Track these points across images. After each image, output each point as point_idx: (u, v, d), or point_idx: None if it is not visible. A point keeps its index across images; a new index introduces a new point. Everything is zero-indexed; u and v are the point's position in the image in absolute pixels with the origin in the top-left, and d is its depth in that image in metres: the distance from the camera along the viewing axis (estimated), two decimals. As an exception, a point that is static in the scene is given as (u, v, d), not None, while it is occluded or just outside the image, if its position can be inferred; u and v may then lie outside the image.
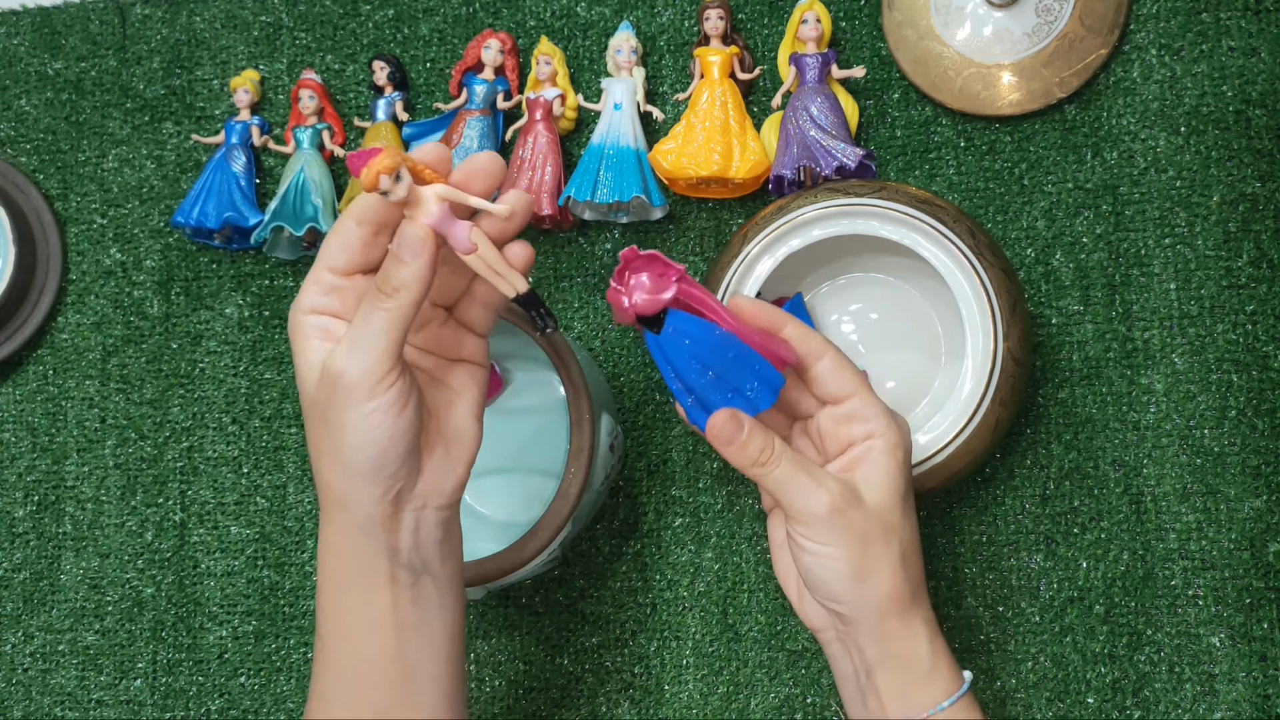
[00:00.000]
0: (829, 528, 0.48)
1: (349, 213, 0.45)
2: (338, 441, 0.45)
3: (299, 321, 0.46)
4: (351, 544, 0.46)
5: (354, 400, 0.44)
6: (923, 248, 0.60)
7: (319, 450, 0.46)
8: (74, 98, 0.80)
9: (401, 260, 0.43)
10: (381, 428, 0.44)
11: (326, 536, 0.47)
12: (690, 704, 0.66)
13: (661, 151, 0.67)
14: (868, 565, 0.48)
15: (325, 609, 0.48)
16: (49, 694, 0.74)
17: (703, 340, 0.48)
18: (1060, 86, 0.66)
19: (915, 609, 0.50)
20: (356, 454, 0.44)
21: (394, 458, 0.45)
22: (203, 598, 0.73)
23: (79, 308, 0.78)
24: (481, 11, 0.75)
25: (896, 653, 0.49)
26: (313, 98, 0.74)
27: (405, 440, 0.45)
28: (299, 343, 0.46)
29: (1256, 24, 0.65)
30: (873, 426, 0.50)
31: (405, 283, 0.43)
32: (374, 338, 0.43)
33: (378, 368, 0.43)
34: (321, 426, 0.45)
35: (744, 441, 0.49)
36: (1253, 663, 0.61)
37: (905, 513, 0.50)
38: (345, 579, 0.47)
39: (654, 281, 0.48)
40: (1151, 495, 0.63)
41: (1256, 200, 0.64)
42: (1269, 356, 0.63)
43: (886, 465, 0.50)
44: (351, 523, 0.46)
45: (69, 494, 0.76)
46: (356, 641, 0.48)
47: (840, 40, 0.70)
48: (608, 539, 0.69)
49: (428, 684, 0.48)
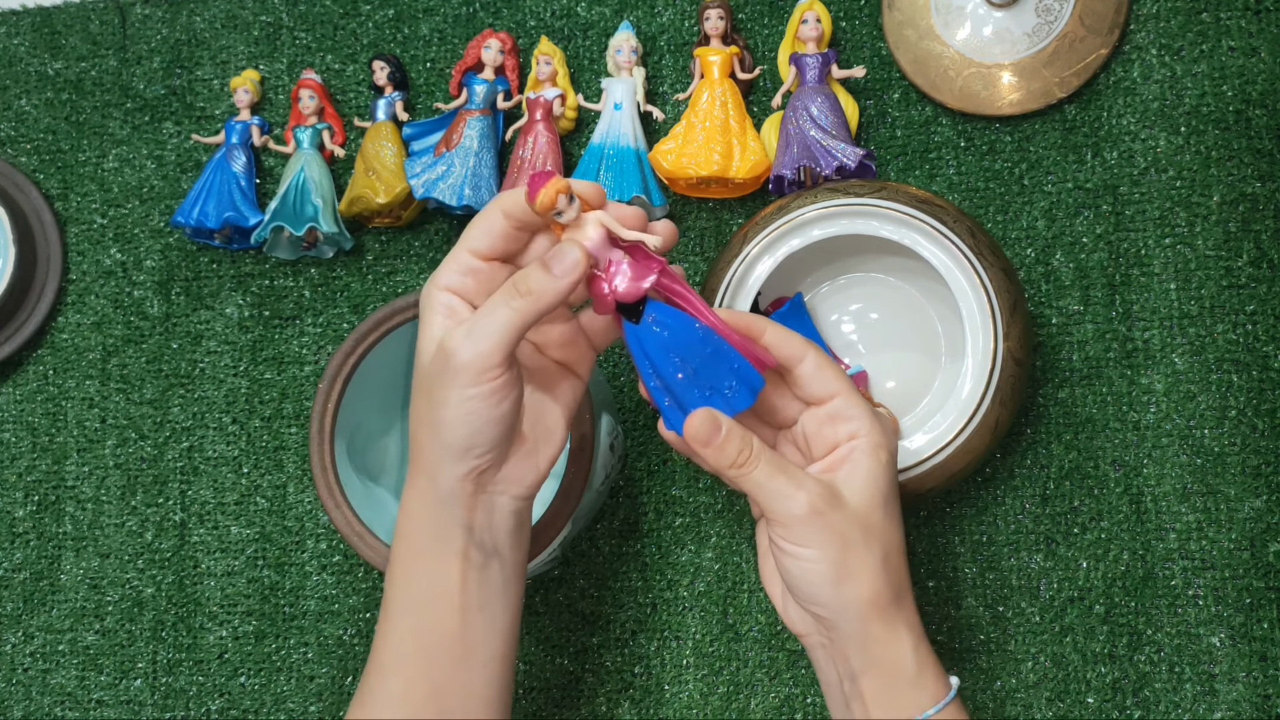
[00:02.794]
0: (808, 529, 0.47)
1: (497, 202, 0.48)
2: (438, 415, 0.47)
3: (432, 295, 0.48)
4: (431, 511, 0.49)
5: (460, 382, 0.46)
6: (923, 248, 0.60)
7: (420, 418, 0.48)
8: (74, 98, 0.80)
9: (550, 272, 0.46)
10: (479, 413, 0.46)
11: (408, 502, 0.50)
12: (690, 704, 0.66)
13: (661, 151, 0.67)
14: (848, 568, 0.48)
15: (395, 579, 0.50)
16: (49, 694, 0.74)
17: (681, 333, 0.48)
18: (1060, 86, 0.66)
19: (899, 613, 0.49)
20: (451, 431, 0.47)
21: (484, 441, 0.47)
22: (203, 598, 0.73)
23: (79, 308, 0.78)
24: (481, 11, 0.75)
25: (880, 658, 0.49)
26: (313, 98, 0.74)
27: (499, 428, 0.47)
28: (427, 314, 0.48)
29: (1256, 24, 0.65)
30: (856, 426, 0.50)
31: (541, 291, 0.46)
32: (493, 330, 0.46)
33: (489, 358, 0.46)
34: (426, 397, 0.48)
35: (722, 442, 0.48)
36: (1253, 663, 0.61)
37: (888, 514, 0.49)
38: (419, 546, 0.49)
39: (635, 270, 0.47)
40: (1151, 495, 0.63)
41: (1256, 200, 0.64)
42: (1269, 356, 0.63)
43: (868, 465, 0.49)
44: (434, 491, 0.48)
45: (69, 494, 0.76)
46: (423, 613, 0.49)
47: (840, 40, 0.70)
48: (608, 539, 0.69)
49: (483, 668, 0.50)
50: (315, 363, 0.74)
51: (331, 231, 0.71)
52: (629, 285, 0.47)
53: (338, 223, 0.72)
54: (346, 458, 0.65)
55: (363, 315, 0.73)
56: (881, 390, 0.65)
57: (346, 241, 0.73)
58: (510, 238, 0.48)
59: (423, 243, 0.74)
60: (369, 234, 0.75)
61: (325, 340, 0.74)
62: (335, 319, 0.74)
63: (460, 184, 0.69)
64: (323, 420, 0.63)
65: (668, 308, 0.48)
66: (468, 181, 0.69)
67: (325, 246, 0.74)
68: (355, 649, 0.70)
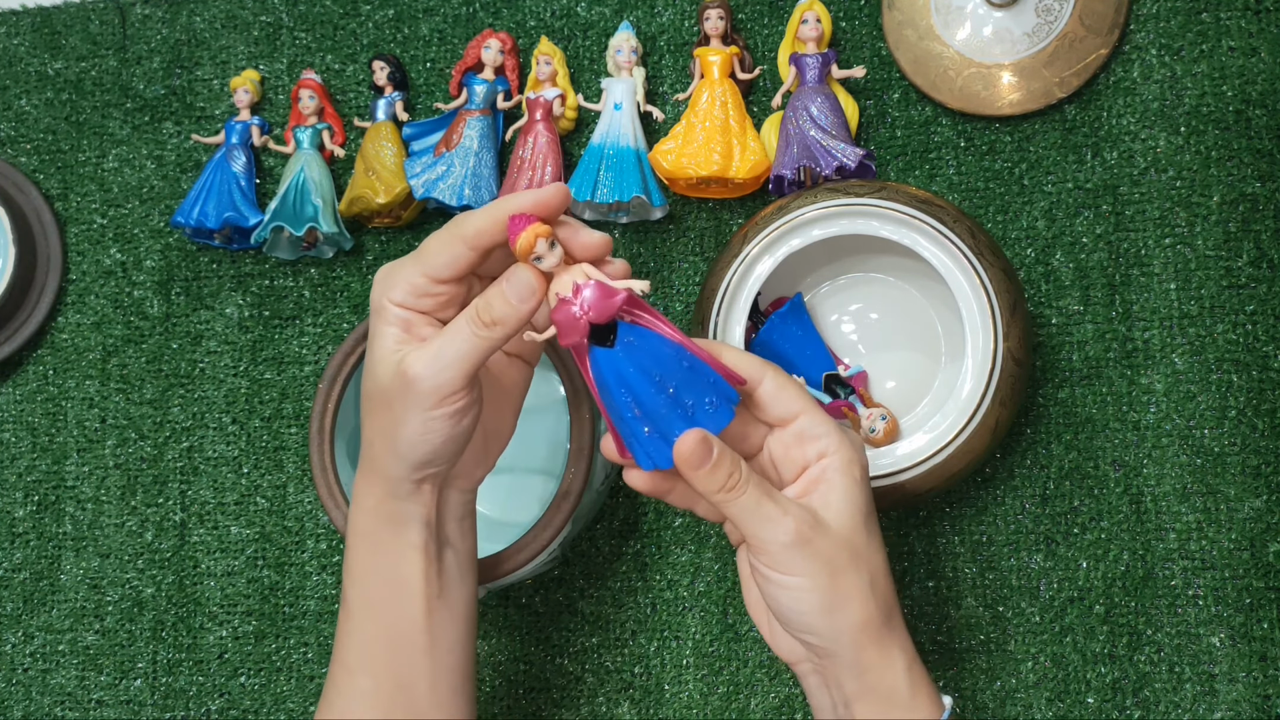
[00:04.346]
0: (795, 557, 0.46)
1: (460, 235, 0.46)
2: (396, 430, 0.47)
3: (384, 306, 0.47)
4: (388, 510, 0.49)
5: (422, 405, 0.46)
6: (923, 248, 0.60)
7: (376, 425, 0.48)
8: (74, 98, 0.80)
9: (508, 300, 0.46)
10: (440, 432, 0.47)
11: (362, 499, 0.50)
12: (690, 704, 0.66)
13: (661, 151, 0.67)
14: (839, 595, 0.46)
15: (354, 575, 0.51)
16: (49, 694, 0.74)
17: (657, 351, 0.46)
18: (1060, 86, 0.66)
19: (891, 636, 0.48)
20: (412, 448, 0.47)
21: (443, 456, 0.48)
22: (203, 598, 0.73)
23: (79, 308, 0.78)
24: (481, 11, 0.75)
25: (875, 685, 0.47)
26: (313, 98, 0.74)
27: (459, 444, 0.48)
28: (380, 324, 0.47)
29: (1256, 24, 0.65)
30: (824, 445, 0.48)
31: (505, 319, 0.46)
32: (459, 358, 0.46)
33: (453, 384, 0.46)
34: (384, 410, 0.47)
35: (714, 464, 0.46)
36: (1253, 663, 0.61)
37: (870, 534, 0.48)
38: (376, 542, 0.50)
39: (602, 289, 0.46)
40: (1151, 495, 0.63)
41: (1256, 200, 0.64)
42: (1269, 356, 0.63)
43: (844, 485, 0.48)
44: (390, 492, 0.49)
45: (69, 494, 0.76)
46: (387, 608, 0.50)
47: (840, 40, 0.70)
48: (608, 539, 0.69)
49: (447, 654, 0.51)
50: (315, 363, 0.74)
51: (331, 231, 0.71)
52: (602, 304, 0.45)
53: (338, 223, 0.72)
54: (346, 458, 0.65)
55: (363, 315, 0.73)
56: (881, 390, 0.65)
57: (346, 241, 0.73)
58: (471, 262, 0.47)
59: (423, 243, 0.74)
60: (369, 234, 0.75)
61: (325, 340, 0.74)
62: (335, 319, 0.74)
63: (460, 184, 0.69)
64: (323, 420, 0.63)
65: (639, 328, 0.46)
66: (468, 181, 0.69)
67: (325, 246, 0.74)
68: (355, 649, 0.70)
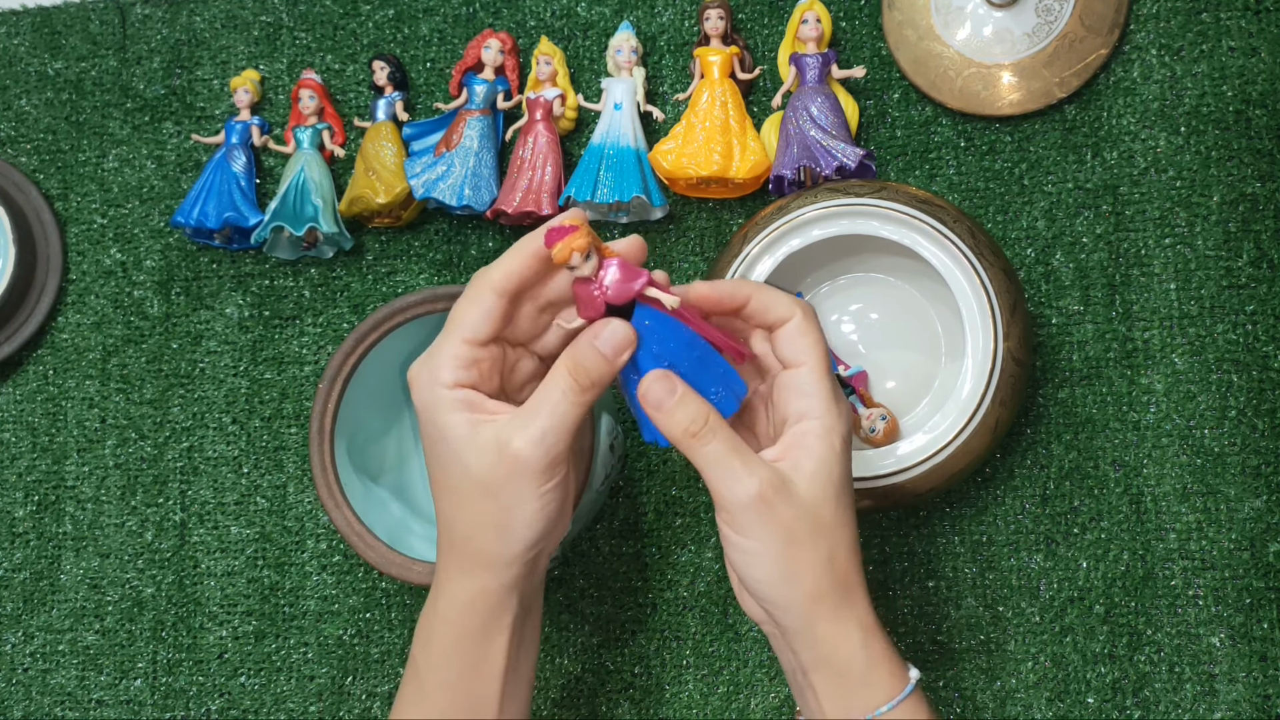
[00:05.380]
0: (753, 519, 0.45)
1: (487, 283, 0.46)
2: (508, 516, 0.46)
3: (439, 396, 0.46)
4: (493, 600, 0.48)
5: (535, 485, 0.45)
6: (923, 248, 0.60)
7: (475, 515, 0.47)
8: (74, 98, 0.80)
9: (604, 356, 0.45)
10: (555, 502, 0.46)
11: (456, 593, 0.48)
12: (690, 704, 0.66)
13: (661, 151, 0.67)
14: (791, 565, 0.46)
15: (433, 653, 0.49)
16: (49, 694, 0.74)
17: (670, 337, 0.47)
18: (1060, 86, 0.66)
19: (849, 610, 0.47)
20: (529, 528, 0.46)
21: (556, 529, 0.48)
22: (203, 598, 0.73)
23: (79, 308, 0.78)
24: (481, 11, 0.75)
25: (828, 656, 0.47)
26: (313, 98, 0.74)
27: (568, 509, 0.48)
28: (440, 417, 0.46)
29: (1256, 24, 0.65)
30: (809, 405, 0.47)
31: (603, 378, 0.45)
32: (564, 429, 0.45)
33: (562, 456, 0.46)
34: (486, 500, 0.46)
35: (675, 405, 0.46)
36: (1253, 663, 0.61)
37: (839, 507, 0.47)
38: (467, 632, 0.49)
39: (625, 272, 0.47)
40: (1151, 495, 0.63)
41: (1256, 200, 0.64)
42: (1269, 356, 0.63)
43: (821, 451, 0.46)
44: (497, 581, 0.48)
45: (69, 494, 0.76)
46: (464, 688, 0.49)
47: (840, 40, 0.70)
48: (608, 539, 0.69)
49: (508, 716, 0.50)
50: (315, 363, 0.74)
51: (331, 231, 0.71)
52: (621, 287, 0.47)
53: (338, 223, 0.72)
54: (346, 458, 0.65)
55: (363, 315, 0.73)
56: (881, 390, 0.65)
57: (346, 241, 0.73)
58: (509, 314, 0.46)
59: (423, 243, 0.74)
60: (369, 234, 0.75)
61: (325, 340, 0.74)
62: (335, 319, 0.74)
63: (460, 184, 0.69)
64: (323, 420, 0.63)
65: (656, 311, 0.47)
66: (468, 181, 0.69)
67: (325, 246, 0.74)
68: (355, 649, 0.70)
